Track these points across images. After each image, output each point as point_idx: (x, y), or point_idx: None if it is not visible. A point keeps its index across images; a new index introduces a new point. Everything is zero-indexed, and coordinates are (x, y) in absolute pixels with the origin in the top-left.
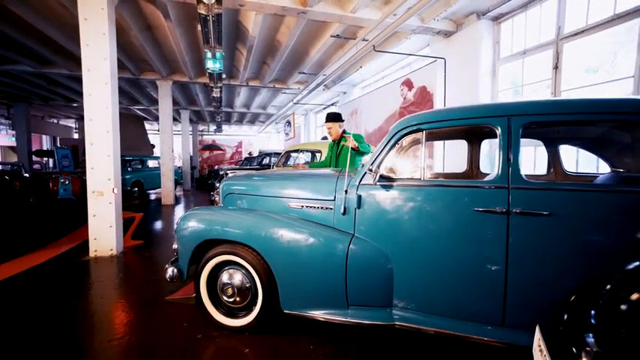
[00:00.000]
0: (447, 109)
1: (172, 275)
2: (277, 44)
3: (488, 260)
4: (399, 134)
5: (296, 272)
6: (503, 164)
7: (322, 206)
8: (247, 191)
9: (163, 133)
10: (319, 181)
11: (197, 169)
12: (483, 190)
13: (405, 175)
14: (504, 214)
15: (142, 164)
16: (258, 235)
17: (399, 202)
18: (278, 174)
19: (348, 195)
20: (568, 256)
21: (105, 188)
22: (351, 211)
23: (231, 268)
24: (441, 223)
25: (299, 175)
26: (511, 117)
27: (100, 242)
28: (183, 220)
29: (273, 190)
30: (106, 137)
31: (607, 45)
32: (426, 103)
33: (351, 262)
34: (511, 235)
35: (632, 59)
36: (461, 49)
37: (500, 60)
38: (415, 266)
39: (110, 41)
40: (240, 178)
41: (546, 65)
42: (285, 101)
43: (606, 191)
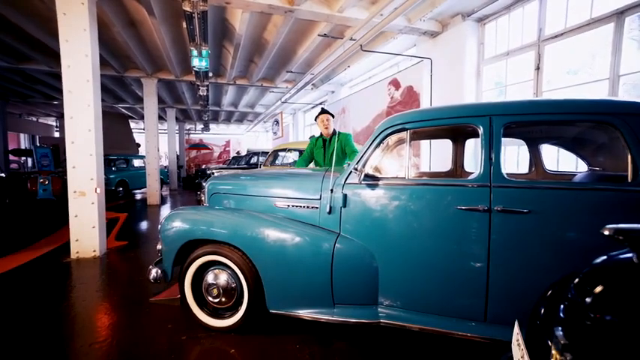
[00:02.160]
0: (430, 109)
1: (156, 276)
2: (265, 43)
3: (470, 257)
4: (383, 134)
5: (282, 272)
6: (485, 163)
7: (308, 205)
8: (233, 191)
9: (148, 131)
10: (305, 181)
11: (184, 169)
12: (466, 189)
13: (390, 175)
14: (486, 212)
15: (127, 163)
16: (244, 234)
17: (384, 201)
18: (264, 173)
19: (333, 194)
20: (547, 252)
21: (87, 188)
22: (337, 210)
23: (217, 268)
24: (425, 221)
25: (285, 175)
26: (492, 117)
27: (82, 243)
28: (167, 220)
29: (259, 190)
30: (88, 136)
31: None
32: (412, 102)
33: (337, 260)
34: (493, 232)
35: (608, 62)
36: (446, 50)
37: (485, 60)
38: (400, 264)
39: (92, 37)
40: (226, 177)
41: (529, 66)
42: (273, 100)
43: (582, 189)
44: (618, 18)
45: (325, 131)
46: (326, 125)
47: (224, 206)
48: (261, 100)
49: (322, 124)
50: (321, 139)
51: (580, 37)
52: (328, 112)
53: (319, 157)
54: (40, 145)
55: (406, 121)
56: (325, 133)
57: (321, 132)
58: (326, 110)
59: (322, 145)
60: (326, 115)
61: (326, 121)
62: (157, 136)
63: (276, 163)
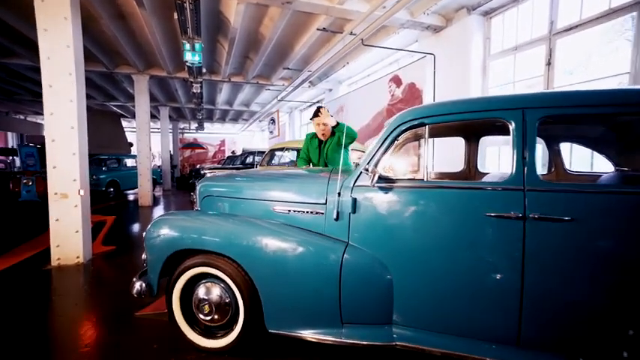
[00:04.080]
0: (453, 102)
1: (140, 290)
2: (261, 37)
3: (501, 271)
4: (398, 130)
5: (282, 286)
6: (517, 163)
7: (312, 211)
8: (227, 193)
9: (140, 130)
10: (308, 183)
11: (178, 168)
12: (496, 193)
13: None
14: (520, 219)
15: (118, 163)
16: (239, 244)
17: (400, 206)
18: (262, 174)
19: (341, 198)
20: (592, 267)
21: (69, 190)
22: (345, 217)
23: (209, 281)
24: (448, 229)
25: (285, 176)
26: (526, 110)
27: (64, 249)
28: (153, 227)
29: (256, 193)
30: (71, 134)
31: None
32: (415, 100)
33: (346, 273)
34: (528, 243)
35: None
36: (450, 45)
37: (491, 56)
38: (418, 278)
39: (74, 27)
40: (219, 178)
41: (539, 61)
42: (270, 98)
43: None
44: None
45: (322, 137)
46: (322, 130)
47: (217, 210)
48: (256, 99)
49: (318, 129)
50: (317, 139)
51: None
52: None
53: (314, 157)
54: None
55: (426, 115)
56: (322, 138)
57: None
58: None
59: (317, 145)
60: (320, 119)
61: (322, 125)
62: (149, 135)
63: (272, 163)
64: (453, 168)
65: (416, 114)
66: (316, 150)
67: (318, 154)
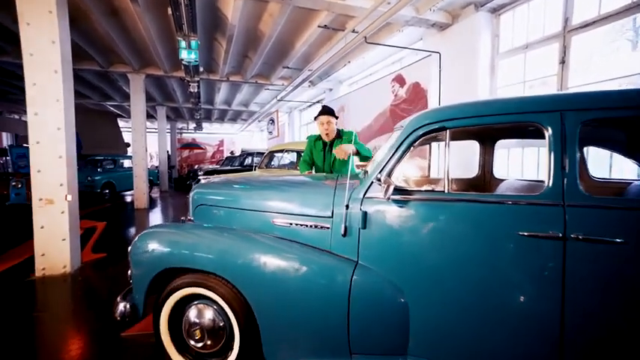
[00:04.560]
0: (480, 103)
1: (124, 312)
2: (260, 35)
3: (537, 298)
4: (414, 134)
5: (283, 312)
6: (555, 174)
7: (316, 225)
8: (222, 203)
9: (136, 131)
10: (312, 193)
11: (176, 169)
12: (530, 208)
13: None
14: (559, 239)
15: (114, 164)
16: (233, 263)
17: (417, 222)
18: (260, 181)
19: (350, 211)
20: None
21: (55, 195)
22: (354, 232)
23: (201, 302)
24: (473, 249)
25: (286, 184)
26: (565, 112)
27: (50, 258)
28: (138, 242)
29: (253, 203)
30: (57, 135)
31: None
32: (419, 100)
33: (355, 297)
34: (569, 267)
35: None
36: (457, 43)
37: (500, 55)
38: (438, 303)
39: (60, 21)
40: (214, 185)
41: (551, 60)
42: (269, 98)
43: None
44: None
45: (326, 137)
46: (326, 130)
47: (211, 221)
48: (255, 98)
49: (322, 128)
50: (321, 141)
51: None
52: (329, 113)
53: (319, 160)
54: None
55: (448, 117)
56: (326, 139)
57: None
58: (326, 110)
59: (322, 148)
60: (326, 117)
61: (326, 124)
62: (145, 136)
63: (272, 165)
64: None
65: (436, 116)
66: (321, 153)
67: (323, 158)
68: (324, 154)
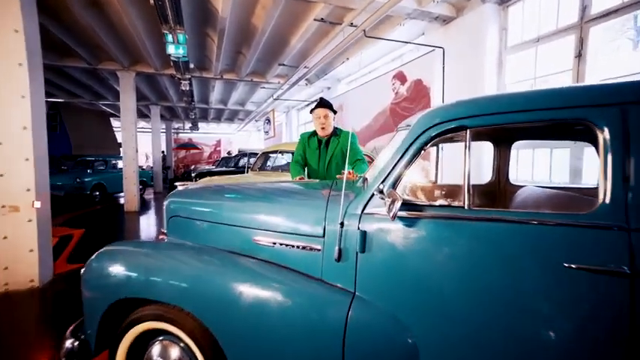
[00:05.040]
0: (506, 96)
1: (72, 349)
2: (253, 29)
3: (593, 348)
4: (426, 135)
5: (261, 354)
6: (614, 188)
7: (305, 245)
8: (198, 214)
9: (126, 131)
10: (300, 205)
11: (172, 170)
12: (578, 231)
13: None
14: (624, 276)
15: (105, 165)
16: (202, 295)
17: (431, 246)
18: (242, 190)
19: (345, 229)
20: None
21: (21, 202)
22: (351, 256)
23: (166, 338)
24: (502, 281)
25: (270, 194)
26: (628, 106)
27: (14, 272)
28: (92, 264)
29: (233, 216)
30: (23, 135)
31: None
32: (421, 98)
33: (352, 338)
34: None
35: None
36: (462, 38)
37: (508, 49)
38: (456, 348)
39: (25, 7)
40: (190, 193)
41: (566, 54)
42: (265, 97)
43: None
44: None
45: (322, 132)
46: (322, 124)
47: (186, 235)
48: (251, 97)
49: (318, 121)
50: (316, 138)
51: None
52: (327, 106)
53: (313, 160)
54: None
55: (469, 114)
56: (322, 133)
57: (315, 129)
58: (325, 102)
59: (317, 146)
60: (323, 110)
61: (323, 118)
62: (135, 136)
63: (266, 167)
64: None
65: (454, 113)
66: (316, 152)
67: (318, 157)
68: (319, 153)
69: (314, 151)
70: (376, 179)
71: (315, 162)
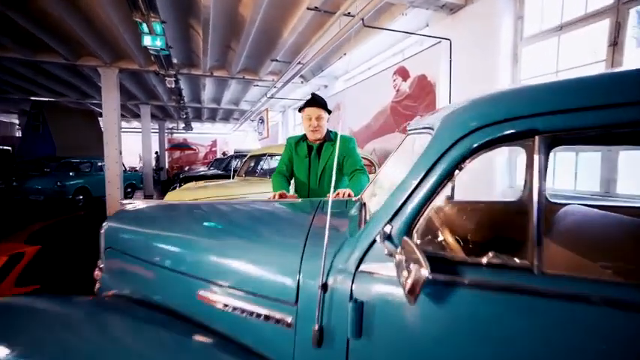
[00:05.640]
0: (612, 75)
1: None
2: (240, 20)
3: None
4: (463, 145)
5: None
6: None
7: (268, 315)
8: (135, 249)
9: (108, 131)
10: (263, 244)
11: (165, 171)
12: None
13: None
14: None
15: (91, 167)
16: None
17: (476, 336)
18: (194, 214)
19: (329, 294)
20: None
21: None
22: (338, 341)
23: None
24: None
25: (228, 223)
26: None
27: None
28: None
29: (174, 256)
30: None
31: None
32: (425, 95)
33: None
34: None
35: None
36: (471, 28)
37: (524, 40)
38: None
39: None
40: (131, 216)
41: (596, 43)
42: (259, 95)
43: None
44: None
45: (313, 136)
46: (314, 127)
47: (121, 275)
48: (245, 96)
49: (308, 123)
50: (306, 144)
51: None
52: (320, 104)
53: (301, 171)
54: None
55: (544, 109)
56: (312, 138)
57: (305, 133)
58: (317, 100)
59: (307, 153)
60: (316, 110)
61: (315, 120)
62: (119, 137)
63: (257, 170)
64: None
65: (513, 108)
66: (305, 160)
67: (308, 167)
68: (309, 162)
69: (303, 159)
70: (380, 215)
71: (304, 173)
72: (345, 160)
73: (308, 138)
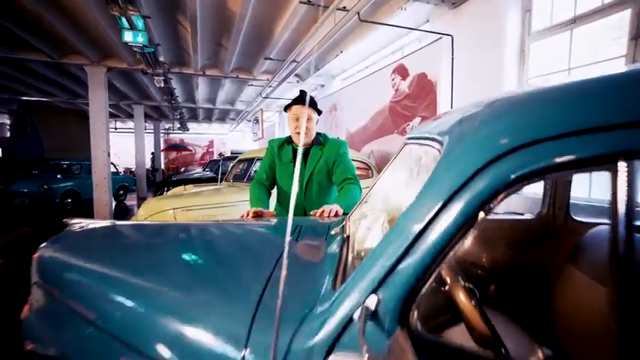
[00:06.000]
0: None
1: None
2: (230, 15)
3: None
4: (499, 171)
5: None
6: None
7: None
8: (65, 289)
9: (95, 133)
10: (207, 295)
11: (160, 172)
12: None
13: None
14: None
15: (80, 169)
16: None
17: None
18: (142, 243)
19: None
20: None
21: None
22: None
23: None
24: None
25: (174, 264)
26: None
27: None
28: None
29: (103, 305)
30: None
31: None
32: (426, 95)
33: None
34: None
35: None
36: (475, 23)
37: (532, 35)
38: None
39: None
40: (73, 243)
41: (615, 37)
42: (254, 95)
43: None
44: None
45: (298, 138)
46: (299, 128)
47: (47, 317)
48: (240, 96)
49: (294, 124)
50: (291, 147)
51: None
52: (310, 103)
53: (284, 179)
54: None
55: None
56: (298, 141)
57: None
58: (305, 97)
59: (292, 157)
60: (303, 110)
61: (301, 121)
62: (107, 138)
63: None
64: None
65: (588, 115)
66: (289, 166)
67: (292, 176)
68: (293, 169)
69: (287, 165)
70: (363, 274)
71: (288, 182)
72: (335, 167)
73: (293, 141)
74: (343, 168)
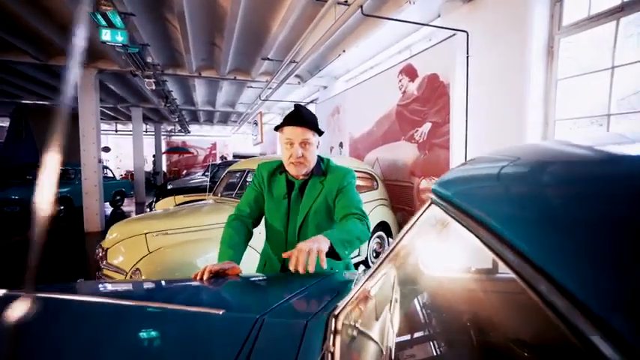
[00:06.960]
0: None
1: None
2: (222, 11)
3: None
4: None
5: None
6: None
7: None
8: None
9: (85, 137)
10: None
11: (162, 175)
12: None
13: None
14: None
15: (74, 175)
16: None
17: None
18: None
19: None
20: None
21: None
22: None
23: None
24: None
25: None
26: None
27: None
28: None
29: None
30: None
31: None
32: (437, 98)
33: None
34: None
35: None
36: (493, 18)
37: (563, 29)
38: None
39: None
40: None
41: None
42: (254, 97)
43: None
44: None
45: (295, 170)
46: (297, 158)
47: None
48: (240, 98)
49: (289, 152)
50: (285, 177)
51: None
52: (308, 123)
53: (275, 217)
54: None
55: None
56: (295, 172)
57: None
58: (303, 116)
59: (285, 192)
60: (301, 132)
61: (299, 146)
62: (98, 143)
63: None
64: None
65: None
66: (283, 202)
67: (287, 211)
68: (288, 204)
69: (279, 200)
70: None
71: (280, 219)
72: (337, 201)
73: (289, 172)
74: (346, 201)
